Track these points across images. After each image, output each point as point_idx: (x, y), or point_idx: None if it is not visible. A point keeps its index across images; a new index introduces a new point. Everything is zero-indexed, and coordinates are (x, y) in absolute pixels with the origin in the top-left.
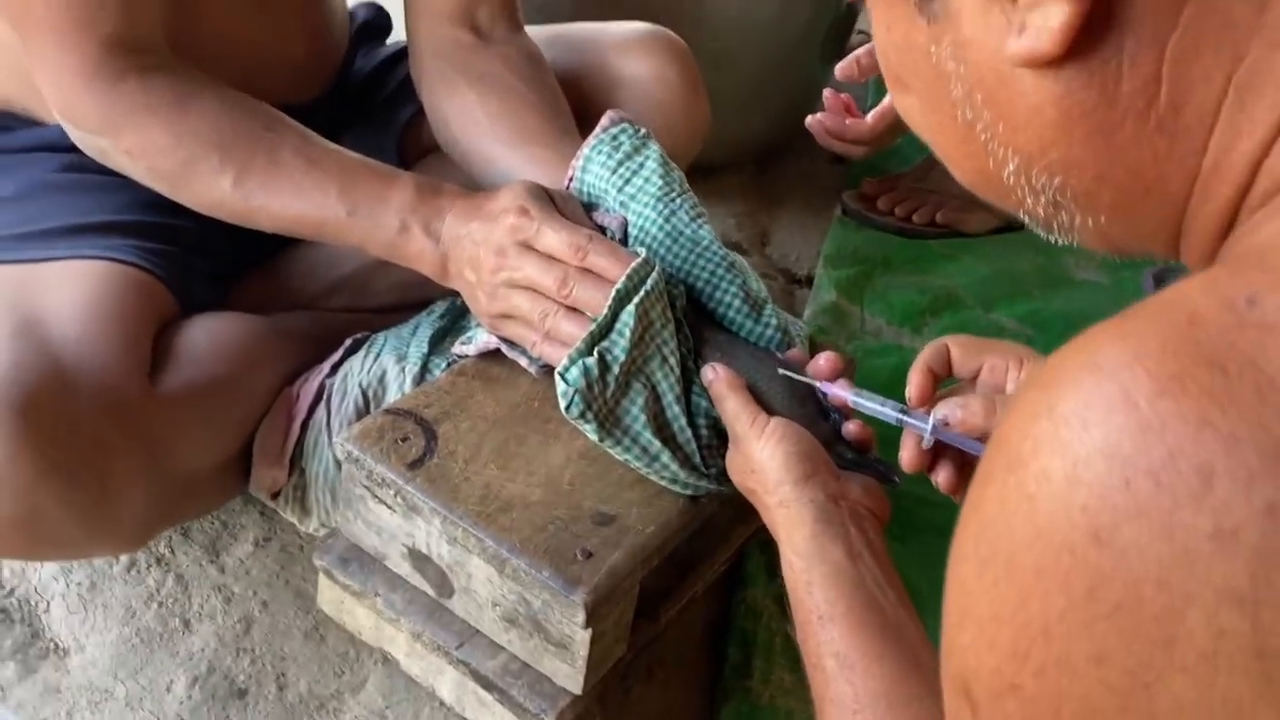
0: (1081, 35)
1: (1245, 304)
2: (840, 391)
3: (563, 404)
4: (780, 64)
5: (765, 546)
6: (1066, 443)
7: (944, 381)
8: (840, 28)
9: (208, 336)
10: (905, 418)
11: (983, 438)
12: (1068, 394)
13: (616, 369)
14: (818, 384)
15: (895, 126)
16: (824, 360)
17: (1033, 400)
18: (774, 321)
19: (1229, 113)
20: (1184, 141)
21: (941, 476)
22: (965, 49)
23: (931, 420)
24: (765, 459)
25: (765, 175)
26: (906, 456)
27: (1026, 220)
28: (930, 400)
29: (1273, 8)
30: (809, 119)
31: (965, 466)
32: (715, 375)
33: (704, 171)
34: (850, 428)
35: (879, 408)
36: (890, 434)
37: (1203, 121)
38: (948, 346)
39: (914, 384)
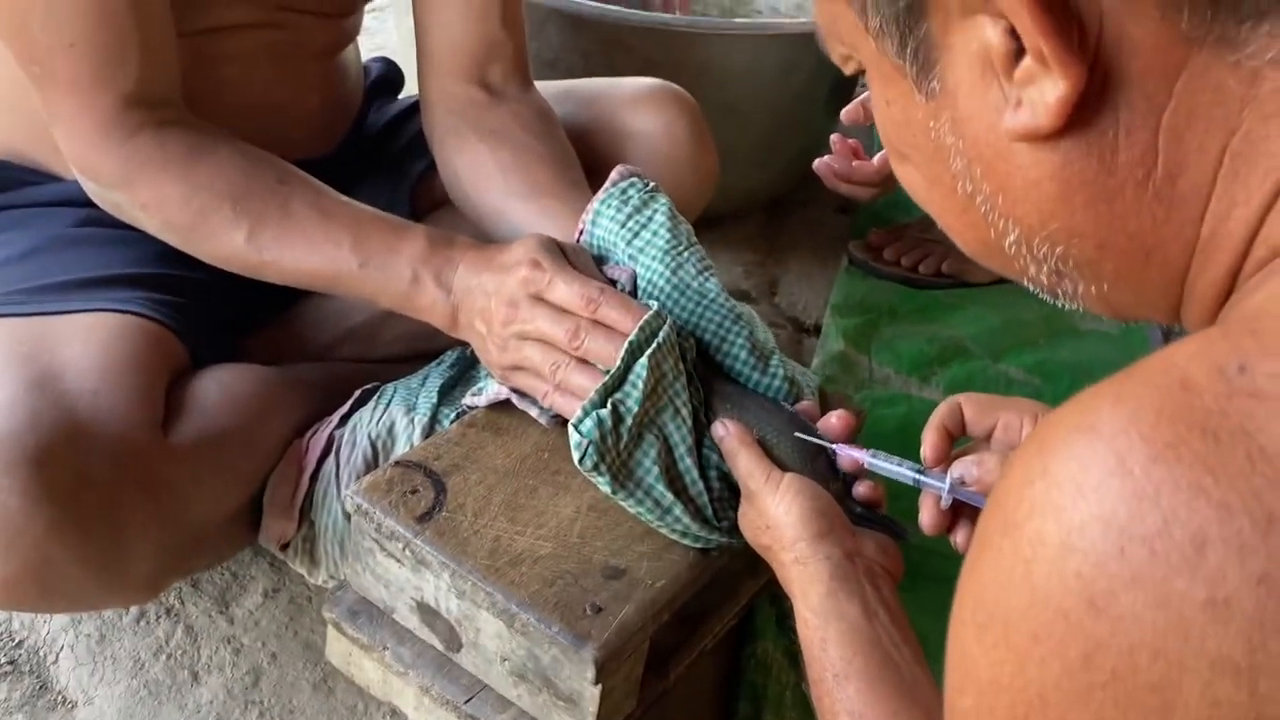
0: (1077, 110)
1: (1236, 371)
2: (856, 454)
3: (576, 456)
4: (786, 116)
5: (775, 600)
6: (1061, 507)
7: (958, 440)
8: (845, 80)
9: (219, 388)
10: (922, 478)
11: None
12: (1062, 457)
13: (630, 421)
14: (832, 446)
15: None
16: (836, 420)
17: (1027, 463)
18: (781, 372)
19: (1224, 182)
20: (1181, 210)
21: (960, 536)
22: (963, 124)
23: (949, 479)
24: (781, 515)
25: (773, 225)
26: (926, 518)
27: (1030, 287)
28: (946, 460)
29: (1264, 80)
30: (817, 162)
31: None
32: (726, 431)
33: (712, 222)
34: (861, 490)
35: (895, 468)
36: (899, 487)
37: (1199, 191)
38: (961, 405)
39: (929, 444)
